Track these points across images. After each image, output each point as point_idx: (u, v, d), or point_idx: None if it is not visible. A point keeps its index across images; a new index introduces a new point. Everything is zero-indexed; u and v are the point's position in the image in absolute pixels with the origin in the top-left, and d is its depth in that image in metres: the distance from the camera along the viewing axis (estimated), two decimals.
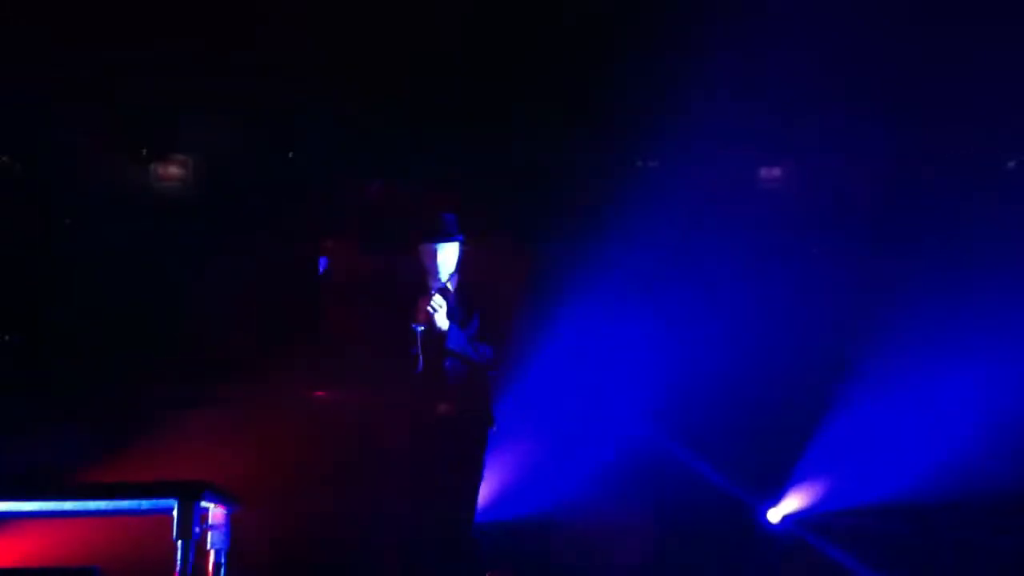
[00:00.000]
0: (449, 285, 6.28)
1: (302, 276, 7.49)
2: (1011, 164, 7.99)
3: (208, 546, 4.89)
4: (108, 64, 7.21)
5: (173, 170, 7.89)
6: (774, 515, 7.71)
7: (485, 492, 6.43)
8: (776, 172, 8.23)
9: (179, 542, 4.29)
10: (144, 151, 7.79)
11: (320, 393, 7.38)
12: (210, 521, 4.89)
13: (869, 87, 7.58)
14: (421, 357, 6.09)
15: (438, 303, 6.10)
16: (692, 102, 7.19)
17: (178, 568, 4.26)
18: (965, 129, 7.81)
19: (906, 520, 7.37)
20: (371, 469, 6.68)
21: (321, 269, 7.35)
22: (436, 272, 6.25)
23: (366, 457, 6.72)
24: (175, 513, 4.32)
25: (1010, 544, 7.14)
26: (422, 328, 6.08)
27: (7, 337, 7.60)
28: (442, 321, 6.12)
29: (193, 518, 4.29)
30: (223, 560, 4.94)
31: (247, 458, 6.81)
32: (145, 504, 4.48)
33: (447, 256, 6.26)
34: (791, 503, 7.67)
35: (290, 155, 7.79)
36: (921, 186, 7.99)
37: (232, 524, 4.84)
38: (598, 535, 7.40)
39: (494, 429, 6.27)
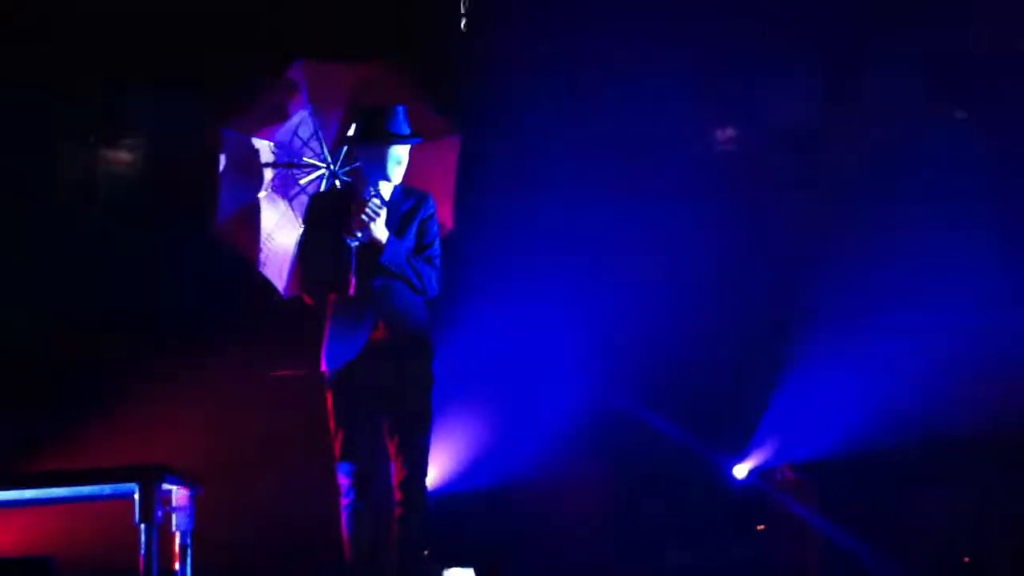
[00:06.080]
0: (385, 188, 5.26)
1: None
2: (960, 114, 7.90)
3: (172, 528, 4.80)
4: None
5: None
6: (740, 471, 7.72)
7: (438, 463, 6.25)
8: (727, 133, 8.19)
9: (142, 526, 4.19)
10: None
11: (279, 372, 7.18)
12: (174, 503, 4.82)
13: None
14: (354, 279, 5.10)
15: (375, 208, 5.07)
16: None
17: (142, 552, 4.18)
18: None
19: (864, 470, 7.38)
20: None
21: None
22: (381, 178, 5.21)
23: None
24: (136, 497, 4.21)
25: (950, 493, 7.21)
26: (356, 242, 5.11)
27: None
28: (380, 231, 5.11)
29: (155, 501, 4.21)
30: (188, 542, 4.87)
31: (208, 437, 6.71)
32: (106, 490, 4.40)
33: (399, 158, 5.21)
34: (756, 458, 7.68)
35: None
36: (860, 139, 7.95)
37: (196, 505, 4.78)
38: (563, 497, 7.40)
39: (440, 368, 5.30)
